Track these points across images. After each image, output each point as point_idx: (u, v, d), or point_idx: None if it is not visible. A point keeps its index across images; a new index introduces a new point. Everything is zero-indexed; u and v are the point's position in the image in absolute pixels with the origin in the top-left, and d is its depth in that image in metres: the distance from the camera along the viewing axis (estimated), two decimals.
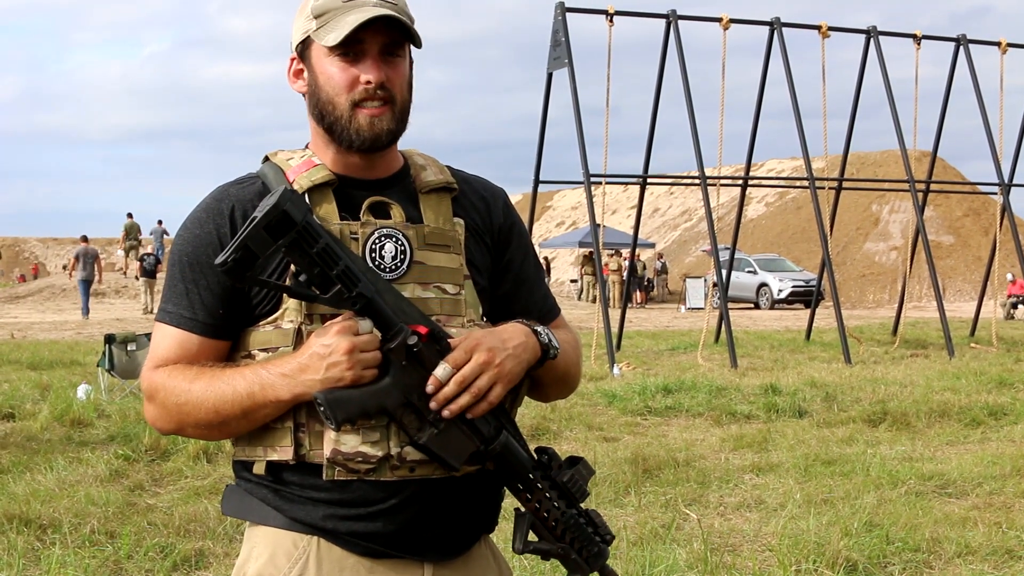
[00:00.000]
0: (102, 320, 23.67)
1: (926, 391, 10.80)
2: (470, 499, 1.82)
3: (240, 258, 1.60)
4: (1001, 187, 18.00)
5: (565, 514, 1.79)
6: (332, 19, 1.74)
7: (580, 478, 1.81)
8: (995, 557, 5.17)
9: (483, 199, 1.93)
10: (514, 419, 1.85)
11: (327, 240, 1.63)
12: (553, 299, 2.03)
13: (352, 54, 1.75)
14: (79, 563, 4.95)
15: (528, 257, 1.98)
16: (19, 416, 9.39)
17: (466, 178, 1.95)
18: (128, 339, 11.25)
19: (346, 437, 1.69)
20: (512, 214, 1.97)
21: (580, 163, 15.15)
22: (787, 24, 16.63)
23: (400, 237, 1.78)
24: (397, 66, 1.78)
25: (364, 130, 1.76)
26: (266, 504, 1.79)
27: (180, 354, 1.76)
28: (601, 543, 1.83)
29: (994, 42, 18.32)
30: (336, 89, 1.76)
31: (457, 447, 1.72)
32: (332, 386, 1.64)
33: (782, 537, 5.34)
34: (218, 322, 1.76)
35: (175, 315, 1.78)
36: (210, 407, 1.71)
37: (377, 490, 1.74)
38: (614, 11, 15.61)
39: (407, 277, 1.77)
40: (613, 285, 32.14)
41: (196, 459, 7.27)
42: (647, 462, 7.17)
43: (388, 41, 1.76)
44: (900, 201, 40.02)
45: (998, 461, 7.34)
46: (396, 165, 1.88)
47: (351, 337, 1.65)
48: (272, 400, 1.68)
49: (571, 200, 57.65)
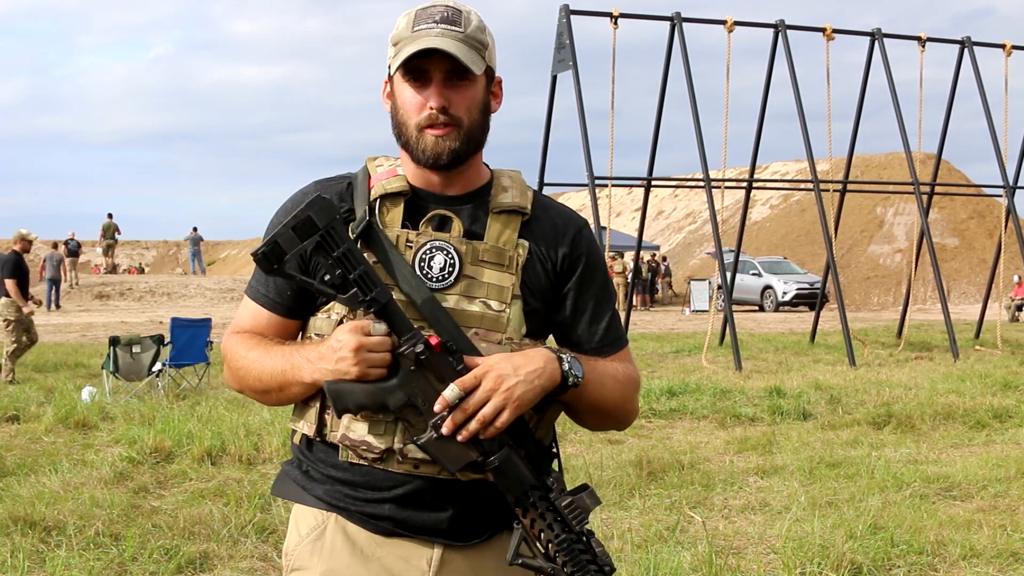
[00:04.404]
0: (107, 323, 23.70)
1: (931, 394, 10.79)
2: (478, 498, 1.91)
3: (269, 252, 1.79)
4: (1006, 189, 17.99)
5: (559, 537, 1.83)
6: (402, 48, 1.87)
7: (581, 505, 1.85)
8: (1000, 560, 5.16)
9: (555, 227, 2.00)
10: (539, 437, 1.91)
11: (349, 246, 1.79)
12: (618, 332, 2.06)
13: (422, 80, 1.88)
14: (84, 565, 4.95)
15: (591, 289, 2.01)
16: (24, 418, 9.41)
17: (547, 205, 2.03)
18: (132, 341, 11.27)
19: (355, 425, 1.86)
20: (582, 245, 2.01)
21: (584, 166, 15.16)
22: (791, 27, 16.63)
23: (451, 250, 1.90)
24: (463, 90, 1.88)
25: (428, 149, 1.89)
26: (297, 484, 1.98)
27: (252, 324, 2.00)
28: (597, 572, 1.85)
29: (998, 44, 18.32)
30: (408, 112, 1.90)
31: (456, 454, 1.81)
32: (339, 377, 1.80)
33: (786, 540, 5.34)
34: (287, 303, 1.96)
35: (254, 290, 2.01)
36: (256, 375, 1.93)
37: (386, 478, 1.89)
38: (618, 13, 15.62)
39: (453, 289, 1.89)
40: (618, 288, 32.15)
41: (200, 461, 7.27)
42: (651, 464, 7.17)
43: (451, 67, 1.87)
44: (905, 203, 39.99)
45: (1003, 464, 7.33)
46: (477, 183, 1.98)
47: (360, 336, 1.79)
48: (298, 380, 1.87)
49: (575, 203, 57.67)
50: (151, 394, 10.94)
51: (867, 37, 17.47)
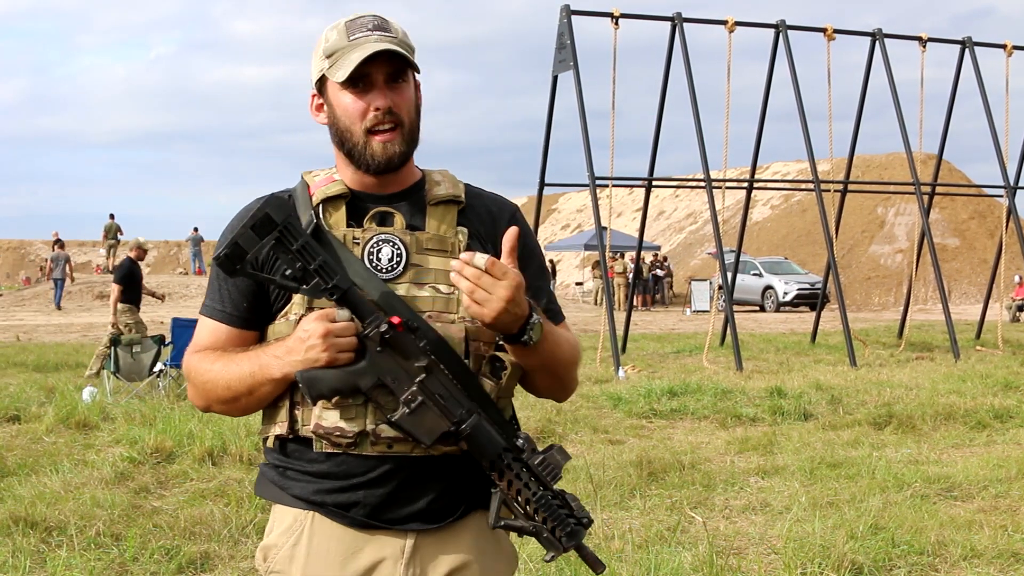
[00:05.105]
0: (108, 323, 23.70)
1: (931, 394, 10.78)
2: (450, 475, 1.99)
3: (230, 253, 1.85)
4: (1007, 189, 17.99)
5: (536, 495, 1.91)
6: (341, 57, 1.96)
7: (552, 462, 1.93)
8: (1001, 560, 5.16)
9: (490, 212, 2.11)
10: (503, 407, 2.00)
11: (306, 239, 1.87)
12: (557, 307, 2.16)
13: (361, 85, 1.97)
14: (84, 565, 4.96)
15: (530, 270, 2.06)
16: (25, 419, 9.41)
17: (479, 194, 2.14)
18: (133, 342, 11.28)
19: (327, 413, 1.93)
20: (518, 228, 2.09)
21: (585, 166, 15.15)
22: (792, 27, 16.62)
23: (397, 242, 1.99)
24: (403, 92, 1.99)
25: (378, 155, 1.98)
26: (274, 485, 2.04)
27: (212, 341, 2.05)
28: (576, 524, 1.93)
29: (999, 44, 18.31)
30: (351, 118, 1.98)
31: (429, 426, 1.89)
32: (310, 366, 1.87)
33: (787, 540, 5.34)
34: (243, 314, 2.03)
35: (209, 308, 2.07)
36: (224, 384, 1.98)
37: (359, 464, 1.96)
38: (619, 14, 15.62)
39: (403, 277, 1.98)
40: (618, 288, 32.13)
41: (201, 462, 7.27)
42: (652, 465, 7.17)
43: (392, 71, 1.97)
44: (905, 204, 39.98)
45: (1004, 464, 7.32)
46: (411, 180, 2.08)
47: (327, 323, 1.87)
48: (268, 378, 1.93)
49: (576, 203, 57.65)
50: (152, 394, 10.94)
51: (868, 37, 17.46)
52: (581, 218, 55.84)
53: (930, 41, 17.65)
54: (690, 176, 24.71)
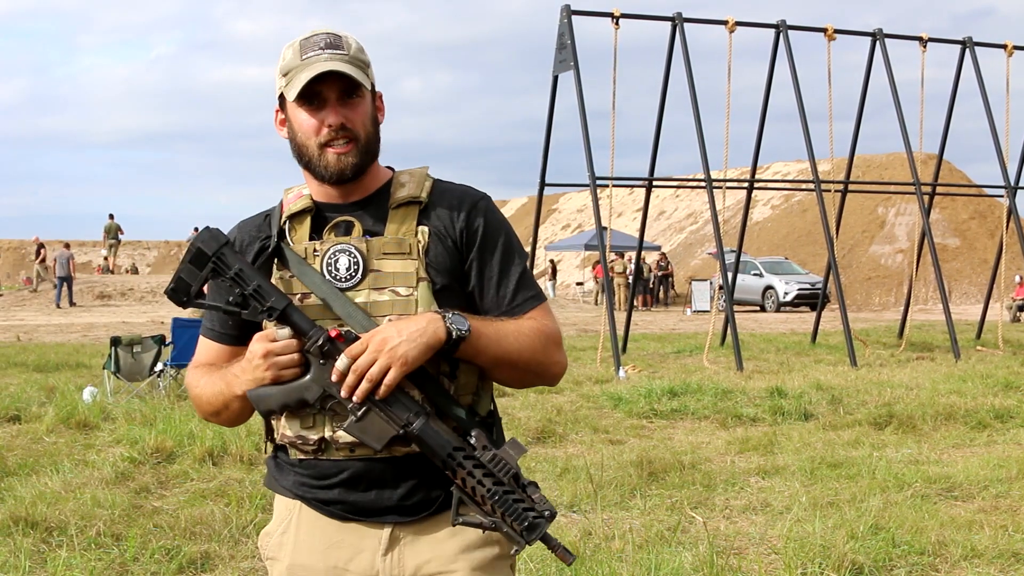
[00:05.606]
0: (108, 323, 23.71)
1: (932, 394, 10.78)
2: (422, 471, 2.04)
3: (177, 287, 2.02)
4: (1007, 190, 17.98)
5: (491, 491, 1.94)
6: (294, 76, 2.03)
7: (505, 457, 1.95)
8: (1001, 560, 5.16)
9: (451, 206, 2.12)
10: (474, 404, 2.06)
11: (240, 266, 1.99)
12: (529, 292, 2.13)
13: (316, 102, 2.04)
14: (85, 565, 4.96)
15: (493, 255, 2.11)
16: (25, 418, 9.41)
17: (445, 189, 2.15)
18: (134, 342, 11.26)
19: (289, 423, 2.05)
20: (477, 217, 2.12)
21: (586, 166, 15.15)
22: (793, 27, 16.62)
23: (353, 250, 2.05)
24: (356, 107, 2.05)
25: (332, 166, 2.05)
26: (271, 475, 2.19)
27: (206, 357, 2.18)
28: (536, 517, 1.94)
29: (999, 45, 18.30)
30: (306, 134, 2.06)
31: (377, 431, 1.96)
32: (258, 384, 1.99)
33: (788, 540, 5.34)
34: (229, 331, 2.15)
35: (204, 327, 2.20)
36: (207, 400, 2.11)
37: (331, 466, 2.06)
38: (620, 14, 15.61)
39: (362, 285, 2.04)
40: (619, 288, 32.13)
41: (202, 462, 7.27)
42: (653, 465, 7.17)
43: (344, 87, 2.03)
44: (906, 204, 39.97)
45: (1004, 464, 7.32)
46: (375, 186, 2.13)
47: (266, 344, 1.98)
48: (233, 395, 2.05)
49: (577, 203, 57.65)
50: (152, 394, 10.94)
51: (868, 37, 17.45)
52: (581, 218, 55.85)
53: (930, 41, 17.64)
54: (690, 176, 24.70)
